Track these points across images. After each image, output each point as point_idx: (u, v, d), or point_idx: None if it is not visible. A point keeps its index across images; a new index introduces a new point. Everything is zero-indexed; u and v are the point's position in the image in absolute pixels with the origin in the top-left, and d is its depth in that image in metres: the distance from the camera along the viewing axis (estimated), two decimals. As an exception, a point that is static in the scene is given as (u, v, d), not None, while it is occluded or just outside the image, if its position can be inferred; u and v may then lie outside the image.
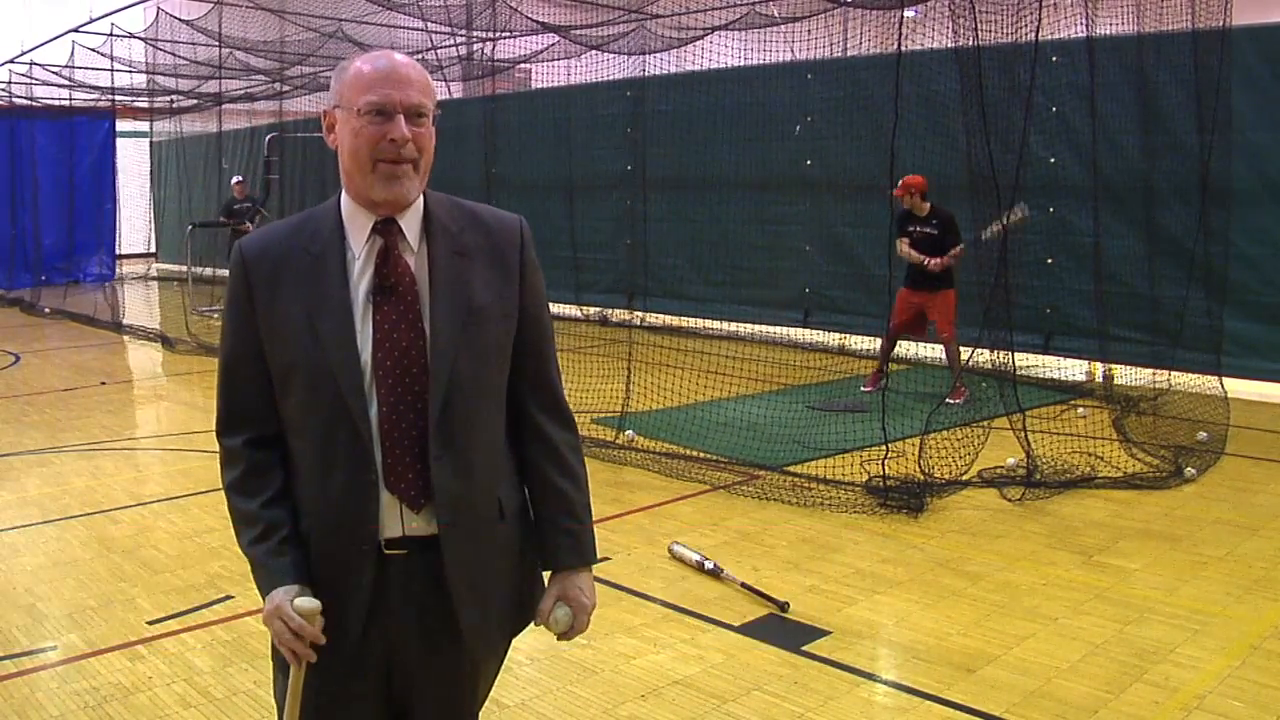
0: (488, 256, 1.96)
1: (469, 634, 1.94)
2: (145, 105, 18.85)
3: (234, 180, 15.76)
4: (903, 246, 8.00)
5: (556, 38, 11.49)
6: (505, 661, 2.11)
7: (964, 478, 6.09)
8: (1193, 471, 6.26)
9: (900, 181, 7.82)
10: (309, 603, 1.84)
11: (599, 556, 2.08)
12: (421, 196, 1.95)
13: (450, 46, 12.96)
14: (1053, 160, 9.02)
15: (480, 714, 2.11)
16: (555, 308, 13.25)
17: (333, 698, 1.94)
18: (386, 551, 1.89)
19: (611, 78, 12.20)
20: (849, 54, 10.90)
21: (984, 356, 6.61)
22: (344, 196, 1.94)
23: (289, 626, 1.82)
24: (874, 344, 9.18)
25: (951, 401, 7.35)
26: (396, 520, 1.89)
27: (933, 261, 7.87)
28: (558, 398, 2.06)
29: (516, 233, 2.01)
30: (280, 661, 1.97)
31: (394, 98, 1.84)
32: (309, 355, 1.86)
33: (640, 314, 12.43)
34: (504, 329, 1.96)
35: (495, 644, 2.05)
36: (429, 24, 11.73)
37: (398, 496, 1.88)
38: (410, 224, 1.93)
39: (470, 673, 2.02)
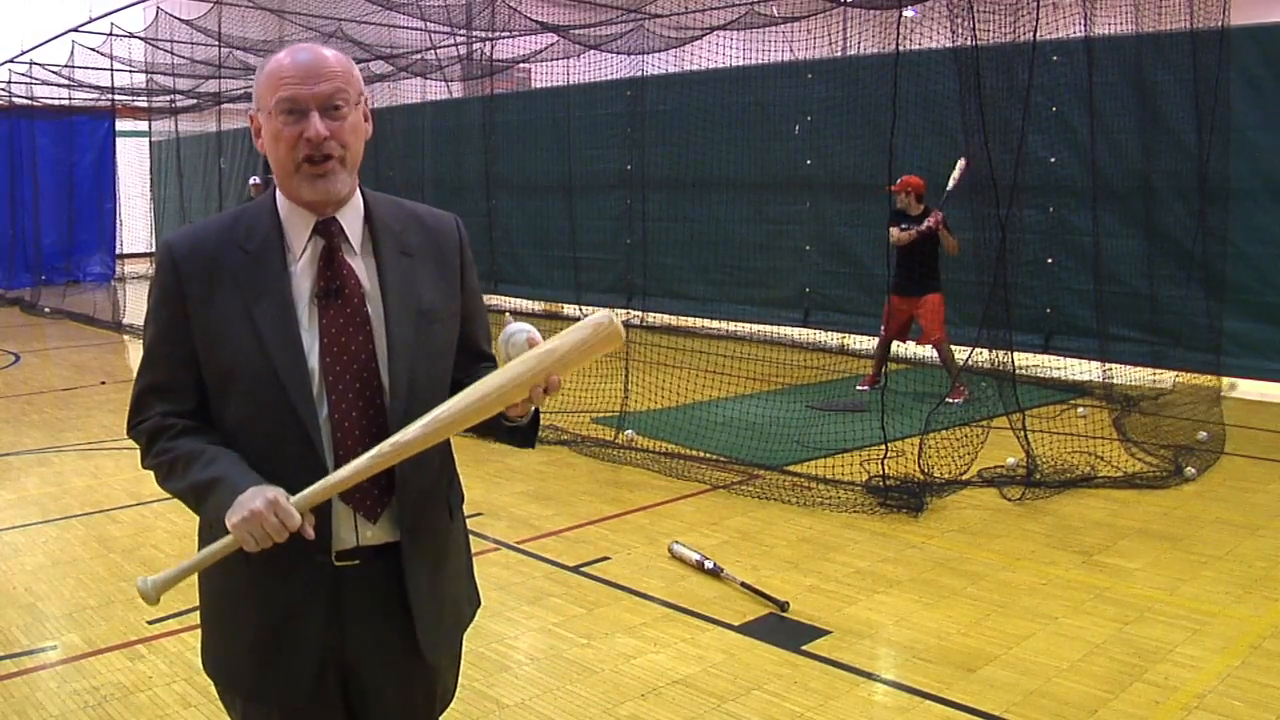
0: (430, 257, 1.93)
1: (427, 641, 1.90)
2: (145, 105, 18.83)
3: (251, 181, 15.71)
4: (894, 232, 8.04)
5: (556, 37, 11.49)
6: (505, 661, 2.11)
7: (964, 477, 6.09)
8: (1193, 471, 6.26)
9: (900, 179, 7.91)
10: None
11: (599, 555, 2.08)
12: (360, 195, 1.90)
13: (450, 46, 12.95)
14: (1052, 160, 9.02)
15: (476, 715, 2.11)
16: (555, 307, 13.32)
17: (292, 713, 1.88)
18: (338, 563, 1.82)
19: (611, 77, 12.20)
20: (848, 54, 10.90)
21: (983, 356, 6.61)
22: (279, 195, 1.86)
23: (280, 518, 1.65)
24: (873, 343, 9.20)
25: (951, 401, 7.35)
26: (350, 531, 1.82)
27: (929, 222, 7.93)
28: None
29: (454, 233, 1.99)
30: (240, 690, 1.90)
31: (302, 93, 1.74)
32: (251, 360, 1.77)
33: (640, 313, 12.43)
34: (450, 328, 1.94)
35: (451, 647, 2.03)
36: (428, 24, 11.73)
37: (353, 506, 1.81)
38: (352, 224, 1.86)
39: (428, 676, 1.99)
